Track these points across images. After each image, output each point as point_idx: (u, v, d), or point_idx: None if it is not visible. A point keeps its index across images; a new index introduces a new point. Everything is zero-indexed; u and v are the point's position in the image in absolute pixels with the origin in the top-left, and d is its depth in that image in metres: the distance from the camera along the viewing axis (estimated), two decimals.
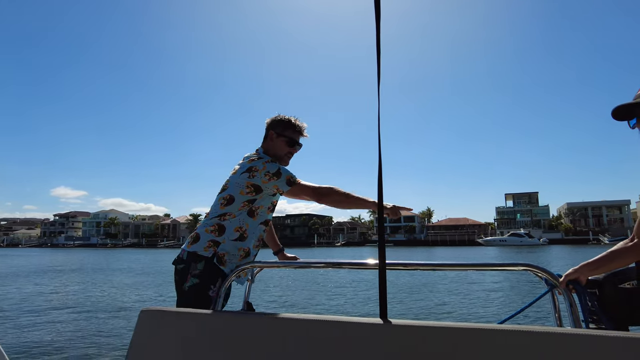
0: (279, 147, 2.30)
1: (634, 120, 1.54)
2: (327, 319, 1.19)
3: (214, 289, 1.98)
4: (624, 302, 1.56)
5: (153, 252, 60.48)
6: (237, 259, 2.10)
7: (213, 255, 2.02)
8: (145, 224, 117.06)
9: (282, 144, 2.29)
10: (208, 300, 1.96)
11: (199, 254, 2.02)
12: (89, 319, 9.53)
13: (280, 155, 2.30)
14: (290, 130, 2.30)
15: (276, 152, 2.30)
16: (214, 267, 2.01)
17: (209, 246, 2.04)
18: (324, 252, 60.31)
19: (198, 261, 2.01)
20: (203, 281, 1.98)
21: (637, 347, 0.89)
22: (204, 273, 1.99)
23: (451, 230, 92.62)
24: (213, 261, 2.01)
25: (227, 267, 2.05)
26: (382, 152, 1.21)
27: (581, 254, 35.38)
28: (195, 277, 1.98)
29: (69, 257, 42.06)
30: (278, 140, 2.29)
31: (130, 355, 1.32)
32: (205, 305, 1.93)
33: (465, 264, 1.69)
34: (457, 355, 1.03)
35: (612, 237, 68.11)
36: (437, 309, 10.24)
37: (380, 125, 1.22)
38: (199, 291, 1.97)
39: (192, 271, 2.00)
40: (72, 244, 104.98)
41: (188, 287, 1.98)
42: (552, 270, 1.55)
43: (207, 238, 2.07)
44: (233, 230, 2.10)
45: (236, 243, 2.10)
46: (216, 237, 2.07)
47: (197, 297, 1.96)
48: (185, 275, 2.00)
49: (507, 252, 47.30)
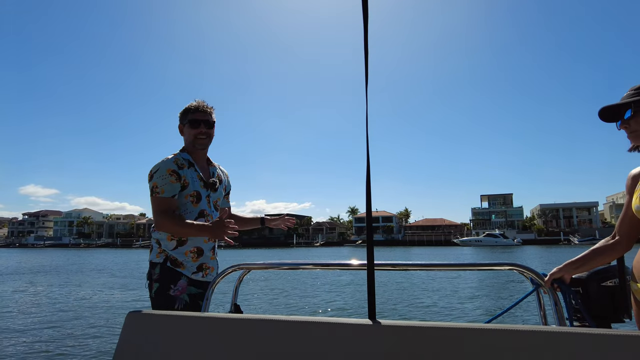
0: (188, 135, 2.31)
1: (621, 120, 1.56)
2: (315, 320, 1.18)
3: (174, 288, 2.11)
4: (606, 300, 1.59)
5: (128, 252, 59.14)
6: (190, 260, 2.20)
7: (165, 259, 2.16)
8: (120, 224, 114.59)
9: (188, 130, 2.31)
10: (171, 299, 2.09)
11: (154, 261, 2.19)
12: (66, 324, 9.19)
13: (192, 142, 2.30)
14: (189, 114, 2.31)
15: (189, 141, 2.33)
16: (169, 270, 2.14)
17: (159, 252, 2.19)
18: (303, 252, 60.30)
19: (155, 267, 2.17)
20: (162, 283, 2.12)
21: (618, 344, 0.91)
22: (161, 276, 2.14)
23: (428, 231, 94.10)
24: (167, 264, 2.15)
25: (187, 269, 2.18)
26: (369, 157, 1.19)
27: (552, 254, 36.60)
28: (156, 282, 2.14)
29: (40, 258, 40.67)
30: (185, 129, 2.32)
31: (117, 358, 1.29)
32: (169, 305, 2.08)
33: (452, 264, 1.71)
34: (445, 355, 1.04)
35: (581, 238, 70.71)
36: (424, 309, 10.35)
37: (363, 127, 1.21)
38: (161, 293, 2.11)
39: (153, 277, 2.16)
40: (43, 244, 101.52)
41: (154, 292, 2.13)
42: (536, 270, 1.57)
43: (156, 247, 2.22)
44: (168, 241, 2.19)
45: (179, 249, 2.19)
46: (160, 247, 2.20)
47: (161, 298, 2.10)
48: (151, 284, 2.17)
49: (483, 252, 48.38)
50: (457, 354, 1.03)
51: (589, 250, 1.66)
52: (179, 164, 2.23)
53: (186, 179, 2.22)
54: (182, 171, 2.22)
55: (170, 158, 2.24)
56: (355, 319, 1.18)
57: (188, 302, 2.14)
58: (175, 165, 2.21)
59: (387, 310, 10.10)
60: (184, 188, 2.21)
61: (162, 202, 2.15)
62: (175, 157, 2.25)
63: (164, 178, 2.16)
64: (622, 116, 1.53)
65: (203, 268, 2.25)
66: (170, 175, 2.17)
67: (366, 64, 1.15)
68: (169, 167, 2.19)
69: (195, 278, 2.20)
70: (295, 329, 1.18)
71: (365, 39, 1.13)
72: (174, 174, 2.19)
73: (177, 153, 2.31)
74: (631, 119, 1.50)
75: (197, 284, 2.22)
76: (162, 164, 2.20)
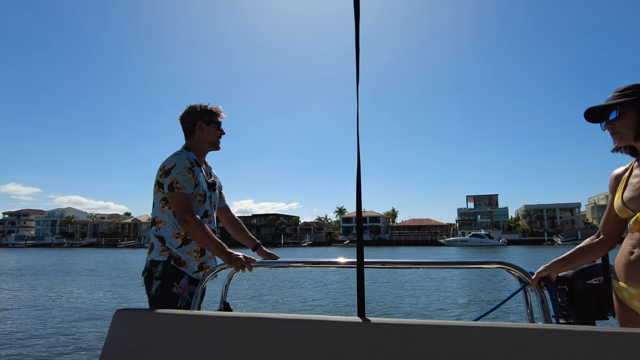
0: (211, 135, 2.33)
1: (606, 122, 1.59)
2: (304, 318, 1.18)
3: (177, 286, 2.09)
4: (591, 297, 1.63)
5: (114, 252, 58.30)
6: (193, 259, 2.19)
7: (169, 257, 2.13)
8: (105, 223, 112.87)
9: (213, 131, 2.33)
10: (174, 297, 2.07)
11: (156, 259, 2.14)
12: (51, 323, 9.01)
13: (213, 142, 2.35)
14: (214, 115, 2.35)
15: (209, 140, 2.34)
16: (172, 268, 2.12)
17: (163, 250, 2.15)
18: (291, 252, 60.18)
19: (158, 265, 2.13)
20: (165, 280, 2.09)
21: (601, 340, 0.93)
22: (164, 274, 2.10)
23: (415, 231, 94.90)
24: (170, 263, 2.12)
25: (189, 268, 2.15)
26: (360, 159, 1.19)
27: (536, 254, 37.24)
28: (158, 280, 2.10)
29: (22, 258, 39.80)
30: (210, 129, 2.33)
31: (104, 357, 1.28)
32: (172, 303, 2.05)
33: (442, 262, 1.73)
34: (435, 352, 1.05)
35: (564, 238, 72.12)
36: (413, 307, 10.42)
37: (351, 127, 1.21)
38: (163, 290, 2.08)
39: (155, 275, 2.12)
40: (24, 243, 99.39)
41: (154, 290, 2.10)
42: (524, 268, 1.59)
43: (159, 245, 2.17)
44: (173, 239, 2.17)
45: (183, 248, 2.17)
46: (164, 245, 2.16)
47: (163, 296, 2.07)
48: (151, 281, 2.12)
49: (469, 252, 48.94)
50: (445, 351, 1.04)
51: (574, 249, 1.70)
52: (191, 162, 2.22)
53: (198, 177, 2.22)
54: (195, 169, 2.21)
55: (183, 155, 2.20)
56: (345, 317, 1.18)
57: (189, 300, 2.12)
58: (189, 163, 2.19)
59: (377, 308, 10.15)
60: (195, 187, 2.20)
61: (186, 198, 2.12)
62: (186, 154, 2.22)
63: (183, 174, 2.13)
64: (607, 117, 1.57)
65: (203, 267, 2.24)
66: (188, 172, 2.15)
67: (357, 64, 1.15)
68: (186, 164, 2.16)
69: (196, 277, 2.19)
70: (284, 327, 1.18)
71: (357, 40, 1.14)
72: (191, 172, 2.17)
73: (183, 151, 2.27)
74: (616, 120, 1.54)
75: (197, 282, 2.20)
76: (179, 160, 2.16)
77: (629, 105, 1.49)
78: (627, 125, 1.50)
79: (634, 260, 1.46)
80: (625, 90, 1.52)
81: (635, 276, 1.46)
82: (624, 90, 1.52)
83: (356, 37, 1.13)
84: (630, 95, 1.49)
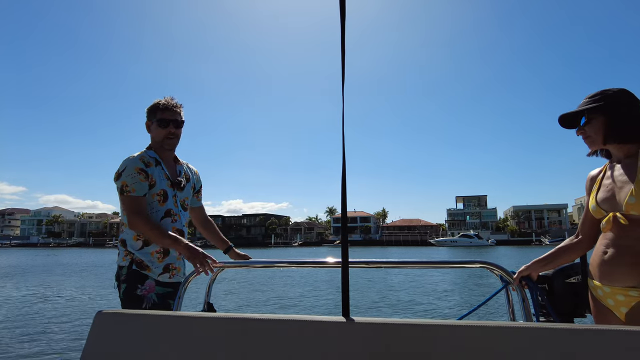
0: (156, 134, 2.27)
1: (578, 127, 1.66)
2: (289, 318, 1.17)
3: (141, 288, 2.11)
4: (570, 295, 1.67)
5: (101, 251, 57.49)
6: (157, 260, 2.18)
7: (131, 262, 2.15)
8: (92, 223, 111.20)
9: (156, 130, 2.26)
10: (138, 299, 2.09)
11: (120, 265, 2.18)
12: (31, 323, 8.86)
13: (160, 142, 2.28)
14: (157, 112, 2.25)
15: (157, 140, 2.29)
16: (135, 272, 2.13)
17: (125, 255, 2.18)
18: (281, 252, 59.94)
19: (122, 270, 2.17)
20: (129, 283, 2.12)
21: (578, 337, 0.95)
22: (128, 277, 2.13)
23: (404, 231, 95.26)
24: (132, 267, 2.14)
25: (152, 271, 2.16)
26: (345, 156, 1.20)
27: (524, 254, 37.63)
28: (123, 283, 2.14)
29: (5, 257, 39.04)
30: (153, 128, 2.28)
31: (84, 358, 1.25)
32: (137, 305, 2.08)
33: (425, 262, 1.74)
34: (419, 351, 1.05)
35: (552, 239, 72.97)
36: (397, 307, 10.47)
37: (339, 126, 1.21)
38: (128, 293, 2.11)
39: (121, 279, 2.15)
40: (8, 243, 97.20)
41: (122, 293, 2.13)
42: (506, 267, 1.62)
43: (122, 250, 2.20)
44: (134, 241, 2.17)
45: (145, 250, 2.17)
46: (126, 248, 2.18)
47: (129, 298, 2.10)
48: (119, 285, 2.16)
49: (458, 252, 49.27)
50: (430, 350, 1.04)
51: (555, 249, 1.75)
52: (146, 162, 2.20)
53: (153, 177, 2.20)
54: (149, 169, 2.18)
55: (137, 156, 2.20)
56: (330, 317, 1.17)
57: (157, 301, 2.13)
58: (142, 164, 2.17)
59: (361, 308, 10.19)
60: (151, 187, 2.19)
61: (134, 201, 2.12)
62: (141, 155, 2.21)
63: (133, 177, 2.12)
64: (578, 123, 1.64)
65: (170, 269, 2.22)
66: (139, 173, 2.14)
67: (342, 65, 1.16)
68: (137, 166, 2.15)
69: (162, 280, 2.18)
70: (269, 327, 1.17)
71: (342, 41, 1.15)
72: (142, 172, 2.15)
73: (143, 151, 2.27)
74: (585, 126, 1.60)
75: (165, 283, 2.20)
76: (129, 162, 2.16)
77: (596, 110, 1.56)
78: (596, 129, 1.57)
79: (607, 260, 1.51)
80: (594, 96, 1.59)
81: (609, 275, 1.50)
82: (593, 97, 1.59)
83: (342, 39, 1.14)
84: (597, 101, 1.56)
